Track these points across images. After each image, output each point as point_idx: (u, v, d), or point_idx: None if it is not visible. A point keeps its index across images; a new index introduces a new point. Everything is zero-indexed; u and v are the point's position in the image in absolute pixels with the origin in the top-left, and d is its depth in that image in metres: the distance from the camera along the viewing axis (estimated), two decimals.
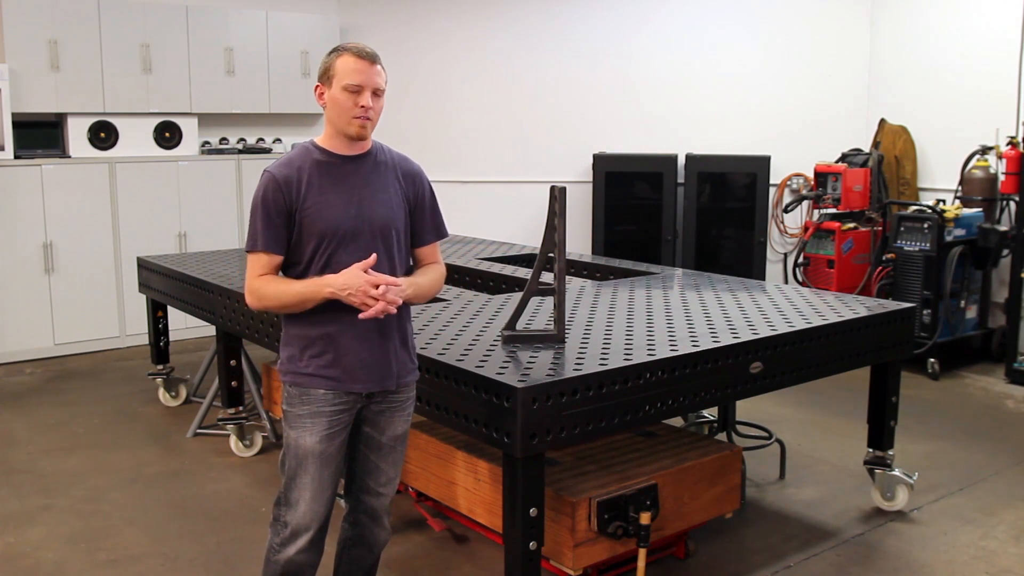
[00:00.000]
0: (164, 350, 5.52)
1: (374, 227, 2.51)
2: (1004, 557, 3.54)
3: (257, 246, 2.46)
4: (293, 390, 2.53)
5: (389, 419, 2.62)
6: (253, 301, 2.51)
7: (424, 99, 8.00)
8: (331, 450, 2.53)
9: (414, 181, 2.66)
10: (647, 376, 2.87)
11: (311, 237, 2.46)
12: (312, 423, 2.50)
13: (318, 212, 2.46)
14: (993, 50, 6.53)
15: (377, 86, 2.48)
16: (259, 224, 2.46)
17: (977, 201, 6.30)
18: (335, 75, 2.46)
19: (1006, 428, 5.05)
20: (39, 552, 3.63)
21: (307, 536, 2.53)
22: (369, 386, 2.53)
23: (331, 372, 2.49)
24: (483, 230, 6.73)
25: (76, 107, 6.60)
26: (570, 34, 7.75)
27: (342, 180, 2.51)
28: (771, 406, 5.18)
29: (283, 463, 2.56)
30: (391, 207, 2.56)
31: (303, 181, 2.46)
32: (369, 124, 2.49)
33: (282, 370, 2.57)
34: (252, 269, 2.49)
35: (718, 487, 3.41)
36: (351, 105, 2.45)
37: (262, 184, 2.48)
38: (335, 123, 2.50)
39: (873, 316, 3.62)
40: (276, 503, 2.59)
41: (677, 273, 4.64)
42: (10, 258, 6.36)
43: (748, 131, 7.47)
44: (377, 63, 2.48)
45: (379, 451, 2.64)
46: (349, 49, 2.47)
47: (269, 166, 2.51)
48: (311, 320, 2.49)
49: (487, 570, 3.46)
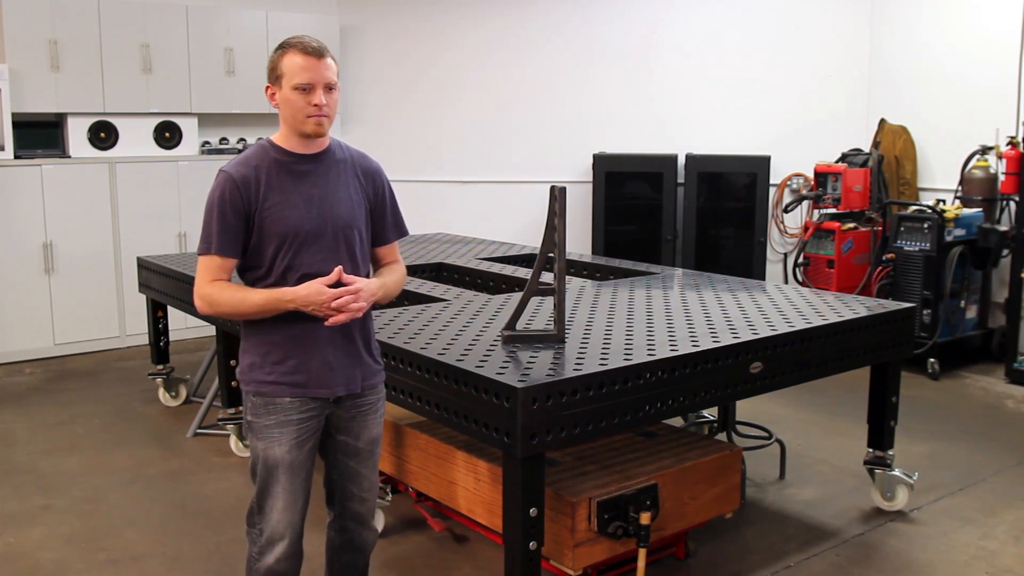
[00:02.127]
0: (164, 350, 5.52)
1: (336, 227, 2.44)
2: (1004, 557, 3.54)
3: (211, 249, 2.36)
4: (257, 400, 2.45)
5: (363, 424, 2.56)
6: (204, 307, 2.39)
7: (424, 99, 8.00)
8: (301, 458, 2.47)
9: (374, 179, 2.58)
10: (647, 376, 2.87)
11: (272, 239, 2.38)
12: (280, 433, 2.43)
13: (279, 213, 2.37)
14: (993, 50, 6.53)
15: (328, 81, 2.37)
16: (214, 226, 2.36)
17: (977, 201, 6.30)
18: (283, 75, 2.36)
19: (1006, 428, 5.05)
20: (39, 552, 3.63)
21: (283, 544, 2.47)
22: (336, 390, 2.46)
23: (296, 378, 2.42)
24: (483, 230, 6.73)
25: (76, 107, 6.60)
26: (570, 34, 7.75)
27: (302, 179, 2.42)
28: (771, 406, 5.18)
29: (253, 472, 2.50)
30: (352, 206, 2.49)
31: (262, 181, 2.37)
32: (326, 121, 2.39)
33: (243, 379, 2.48)
34: (203, 273, 2.38)
35: (718, 487, 3.41)
36: (304, 104, 2.35)
37: (218, 184, 2.37)
38: (290, 123, 2.41)
39: (873, 316, 3.62)
40: (249, 512, 2.53)
41: (677, 273, 4.64)
42: (10, 258, 6.36)
43: (748, 131, 7.46)
44: (325, 56, 2.38)
45: (358, 457, 2.59)
46: (294, 45, 2.36)
47: (225, 165, 2.41)
48: (272, 325, 2.41)
49: (487, 570, 3.46)
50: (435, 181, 7.95)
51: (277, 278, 2.41)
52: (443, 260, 5.03)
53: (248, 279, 2.47)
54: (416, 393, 3.00)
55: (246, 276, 2.47)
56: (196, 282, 2.40)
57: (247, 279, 2.47)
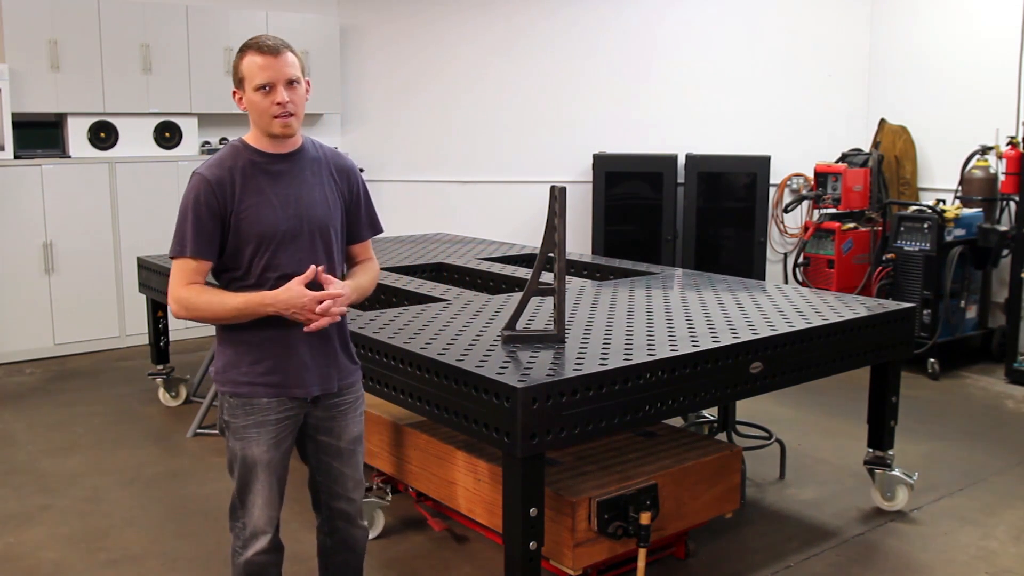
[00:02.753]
0: (164, 350, 5.52)
1: (312, 226, 2.43)
2: (1004, 557, 3.54)
3: (186, 251, 2.34)
4: (234, 400, 2.43)
5: (343, 423, 2.56)
6: (180, 311, 2.36)
7: (424, 98, 8.00)
8: (279, 456, 2.47)
9: (348, 177, 2.57)
10: (647, 376, 2.87)
11: (249, 241, 2.36)
12: (258, 433, 2.43)
13: (255, 214, 2.36)
14: (993, 50, 6.53)
15: (289, 77, 2.34)
16: (189, 229, 2.34)
17: (977, 201, 6.30)
18: (244, 77, 2.35)
19: (1006, 428, 5.05)
20: (39, 552, 3.63)
21: (266, 538, 2.49)
22: (312, 390, 2.46)
23: (273, 379, 2.42)
24: (483, 230, 6.72)
25: (76, 107, 6.60)
26: (570, 34, 7.75)
27: (277, 180, 2.41)
28: (771, 406, 5.18)
29: (230, 469, 2.50)
30: (328, 205, 2.48)
31: (236, 183, 2.36)
32: (293, 119, 2.37)
33: (219, 380, 2.46)
34: (178, 276, 2.36)
35: (718, 487, 3.41)
36: (268, 105, 2.34)
37: (192, 187, 2.36)
38: (258, 125, 2.40)
39: (873, 316, 3.62)
40: (232, 507, 2.54)
41: (677, 273, 4.64)
42: (10, 258, 6.36)
43: (748, 131, 7.46)
44: (283, 52, 2.34)
45: (340, 457, 2.58)
46: (251, 46, 2.35)
47: (198, 167, 2.40)
48: (248, 325, 2.39)
49: (487, 570, 3.46)
50: (435, 181, 7.95)
51: (256, 279, 2.40)
52: (443, 260, 5.03)
53: (224, 281, 2.46)
54: (416, 393, 3.00)
55: (222, 278, 2.46)
56: (170, 285, 2.38)
57: (223, 280, 2.46)
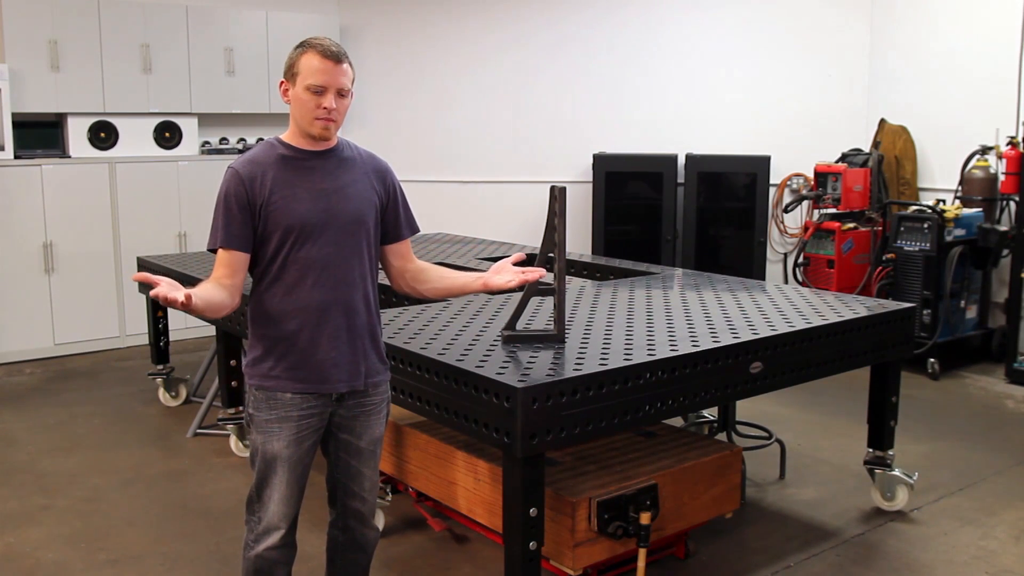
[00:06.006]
0: (164, 350, 5.52)
1: (342, 220, 2.46)
2: (1004, 557, 3.54)
3: (217, 242, 2.41)
4: (259, 394, 2.46)
5: (365, 423, 2.57)
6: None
7: (424, 99, 8.00)
8: (299, 454, 2.48)
9: (384, 178, 2.61)
10: (647, 376, 2.87)
11: (275, 232, 2.40)
12: (280, 428, 2.45)
13: (285, 206, 2.40)
14: (993, 50, 6.53)
15: (342, 86, 2.40)
16: (220, 220, 2.40)
17: (977, 201, 6.30)
18: (299, 73, 2.39)
19: (1006, 428, 5.05)
20: (39, 552, 3.63)
21: (278, 534, 2.50)
22: (338, 386, 2.48)
23: (299, 374, 2.44)
24: (483, 230, 6.72)
25: (76, 107, 6.61)
26: (570, 34, 7.75)
27: (309, 175, 2.45)
28: (771, 406, 5.18)
29: (252, 462, 2.53)
30: (361, 201, 2.51)
31: (268, 176, 2.41)
32: (332, 126, 2.43)
33: (247, 373, 2.50)
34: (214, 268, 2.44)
35: (718, 487, 3.41)
36: (314, 106, 2.39)
37: (225, 181, 2.42)
38: (298, 121, 2.44)
39: (873, 316, 3.62)
40: (249, 500, 2.56)
41: (677, 273, 4.64)
42: (10, 258, 6.36)
43: (748, 131, 7.46)
44: (343, 62, 2.40)
45: (360, 456, 2.59)
46: (314, 46, 2.39)
47: (233, 162, 2.46)
48: (278, 321, 2.43)
49: (487, 570, 3.46)
50: (435, 181, 7.94)
51: (278, 270, 2.43)
52: (443, 260, 5.03)
53: (255, 273, 2.50)
54: (416, 393, 3.00)
55: (254, 271, 2.50)
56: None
57: (254, 273, 2.50)
